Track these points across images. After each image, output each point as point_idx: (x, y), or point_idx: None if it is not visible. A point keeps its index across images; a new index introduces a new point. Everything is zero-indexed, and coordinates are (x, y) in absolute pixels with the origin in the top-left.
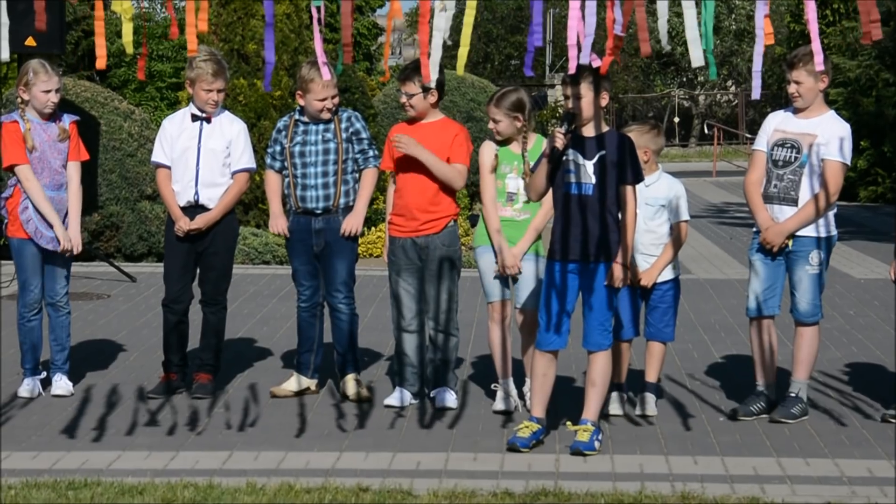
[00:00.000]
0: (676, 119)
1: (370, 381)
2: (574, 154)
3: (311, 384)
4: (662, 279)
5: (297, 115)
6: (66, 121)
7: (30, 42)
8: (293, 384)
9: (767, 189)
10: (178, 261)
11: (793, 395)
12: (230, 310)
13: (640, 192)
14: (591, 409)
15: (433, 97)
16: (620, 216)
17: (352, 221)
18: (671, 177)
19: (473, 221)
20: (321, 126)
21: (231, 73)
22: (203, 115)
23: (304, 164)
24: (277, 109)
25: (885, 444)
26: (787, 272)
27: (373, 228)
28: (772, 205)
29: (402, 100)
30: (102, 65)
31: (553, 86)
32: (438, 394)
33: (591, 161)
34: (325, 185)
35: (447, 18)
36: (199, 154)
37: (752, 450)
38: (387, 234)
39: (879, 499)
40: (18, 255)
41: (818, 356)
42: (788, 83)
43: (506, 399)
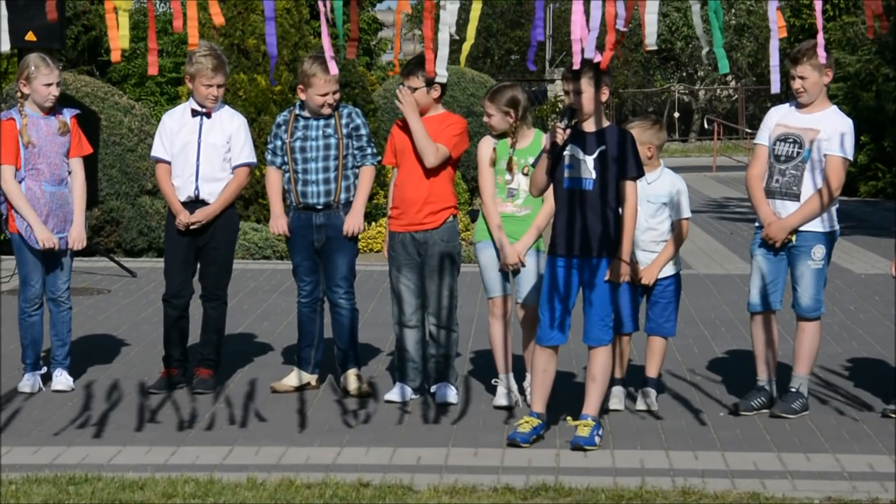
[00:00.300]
0: (676, 114)
1: (371, 377)
2: (574, 149)
3: (312, 379)
4: (663, 275)
5: (297, 110)
6: (67, 115)
7: (30, 37)
8: (294, 379)
9: (769, 184)
10: (179, 256)
11: (793, 390)
12: (230, 305)
13: (642, 190)
14: (592, 405)
15: (436, 92)
16: (621, 211)
17: (352, 222)
18: (673, 173)
19: (473, 217)
20: (322, 121)
21: (231, 68)
22: (203, 110)
23: (305, 160)
24: (277, 104)
25: (886, 439)
26: (790, 267)
27: (373, 223)
28: (774, 200)
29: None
30: (118, 57)
31: (553, 81)
32: (439, 389)
33: (592, 156)
34: (326, 181)
35: (453, 13)
36: (200, 149)
37: (753, 445)
38: (386, 229)
39: (880, 494)
40: (19, 251)
41: (819, 351)
42: (793, 79)
43: (506, 394)
